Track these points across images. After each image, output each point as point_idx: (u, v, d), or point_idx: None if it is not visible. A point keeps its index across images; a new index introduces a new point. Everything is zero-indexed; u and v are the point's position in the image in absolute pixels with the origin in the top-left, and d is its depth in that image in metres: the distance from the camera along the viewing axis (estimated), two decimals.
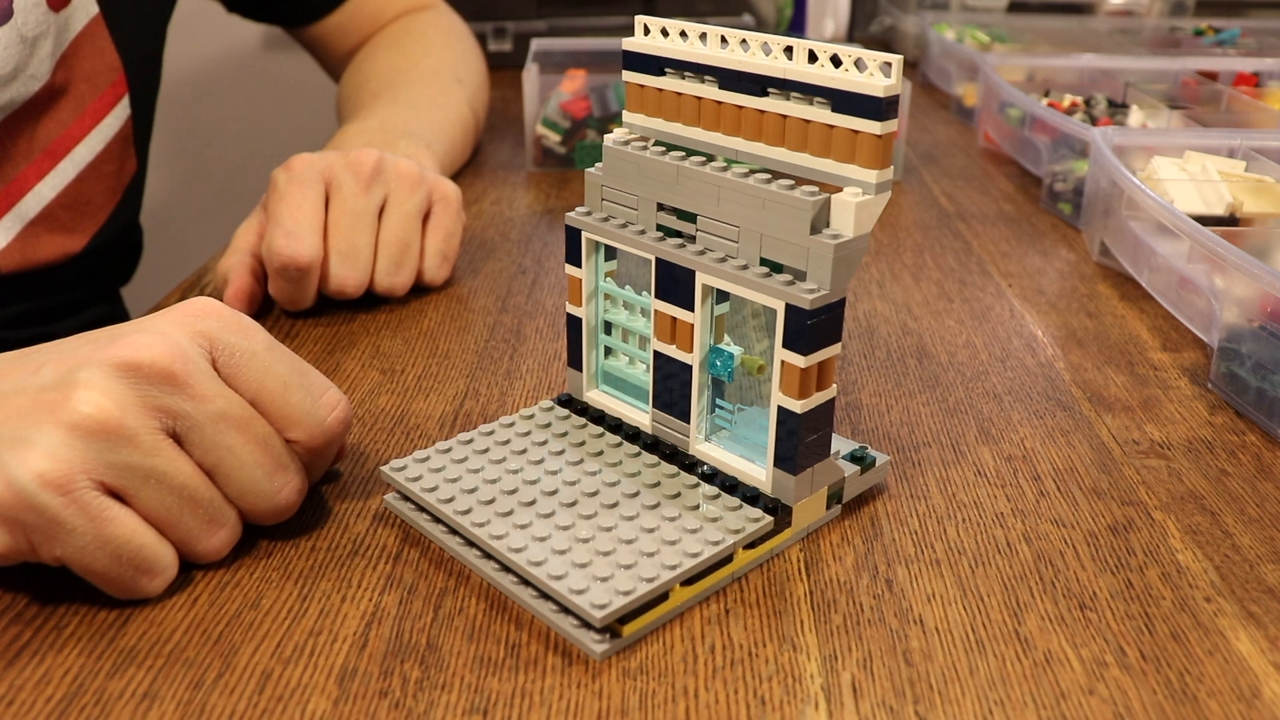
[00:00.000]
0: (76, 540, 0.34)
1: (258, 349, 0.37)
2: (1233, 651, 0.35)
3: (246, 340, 0.37)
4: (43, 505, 0.33)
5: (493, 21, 1.23)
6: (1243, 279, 0.50)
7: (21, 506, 0.33)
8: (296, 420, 0.38)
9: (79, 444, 0.33)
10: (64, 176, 0.65)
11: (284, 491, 0.38)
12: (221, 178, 1.47)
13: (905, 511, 0.42)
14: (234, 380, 0.37)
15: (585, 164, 0.86)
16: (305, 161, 0.57)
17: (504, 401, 0.50)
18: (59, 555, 0.34)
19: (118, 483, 0.34)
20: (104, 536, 0.34)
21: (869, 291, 0.64)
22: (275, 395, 0.37)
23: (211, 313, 0.37)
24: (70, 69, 0.64)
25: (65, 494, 0.33)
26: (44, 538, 0.34)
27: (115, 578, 0.35)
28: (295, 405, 0.38)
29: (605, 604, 0.34)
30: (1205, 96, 0.92)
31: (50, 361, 0.35)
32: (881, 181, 0.36)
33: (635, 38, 0.41)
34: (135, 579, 0.35)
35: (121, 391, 0.34)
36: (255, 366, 0.37)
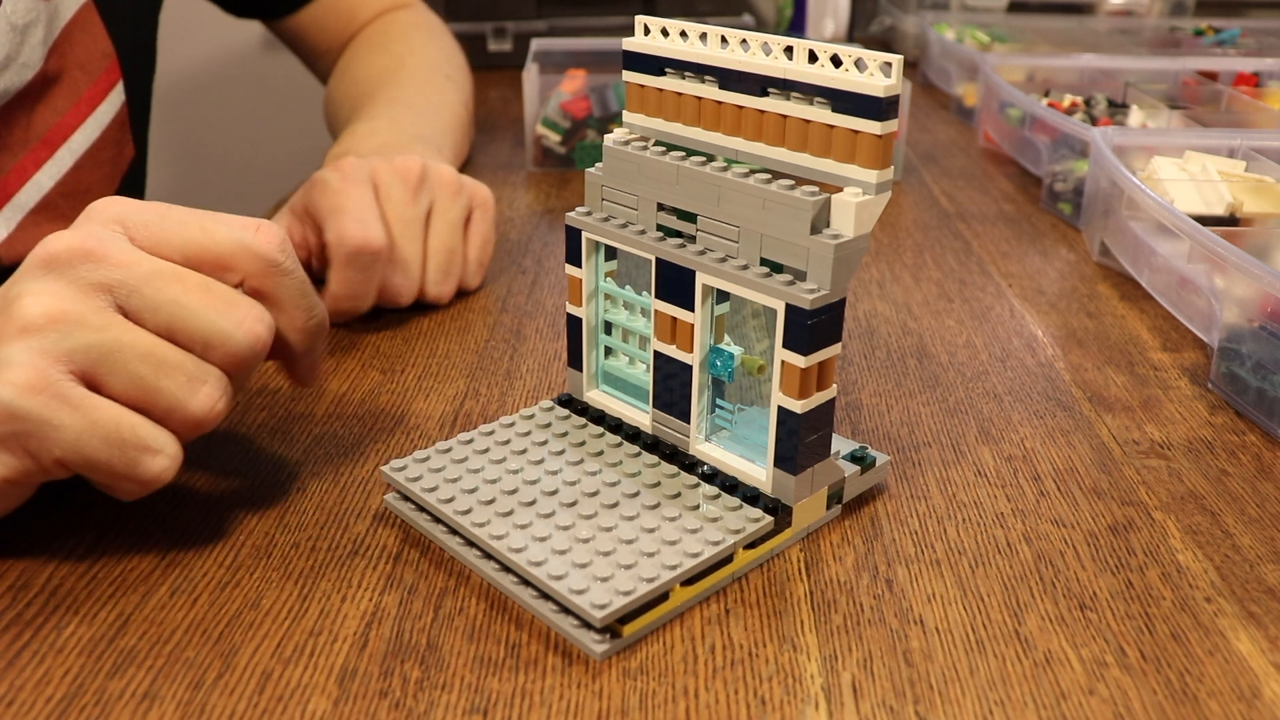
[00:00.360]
0: (68, 434, 0.35)
1: (164, 210, 0.39)
2: (1233, 651, 0.35)
3: (153, 210, 0.38)
4: (25, 410, 0.34)
5: (493, 21, 1.23)
6: (1243, 279, 0.50)
7: (10, 419, 0.34)
8: (227, 254, 0.38)
9: (35, 342, 0.35)
10: (61, 165, 0.65)
11: (245, 323, 0.38)
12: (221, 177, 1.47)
13: (905, 511, 0.42)
14: (157, 247, 0.38)
15: (585, 164, 0.86)
16: (354, 164, 0.56)
17: (504, 402, 0.50)
18: (58, 456, 0.35)
19: (85, 368, 0.35)
20: (92, 421, 0.35)
21: (869, 291, 0.64)
22: (198, 241, 0.38)
23: (115, 201, 0.38)
24: (63, 56, 0.63)
25: (43, 391, 0.34)
26: (39, 443, 0.35)
27: (118, 463, 0.36)
28: (221, 239, 0.38)
29: (605, 604, 0.34)
30: (1205, 96, 0.92)
31: None
32: (881, 181, 0.36)
33: (635, 38, 0.41)
34: (138, 460, 0.36)
35: (53, 283, 0.35)
36: (171, 223, 0.38)
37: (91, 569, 0.38)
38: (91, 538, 0.40)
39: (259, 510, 0.42)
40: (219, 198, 1.46)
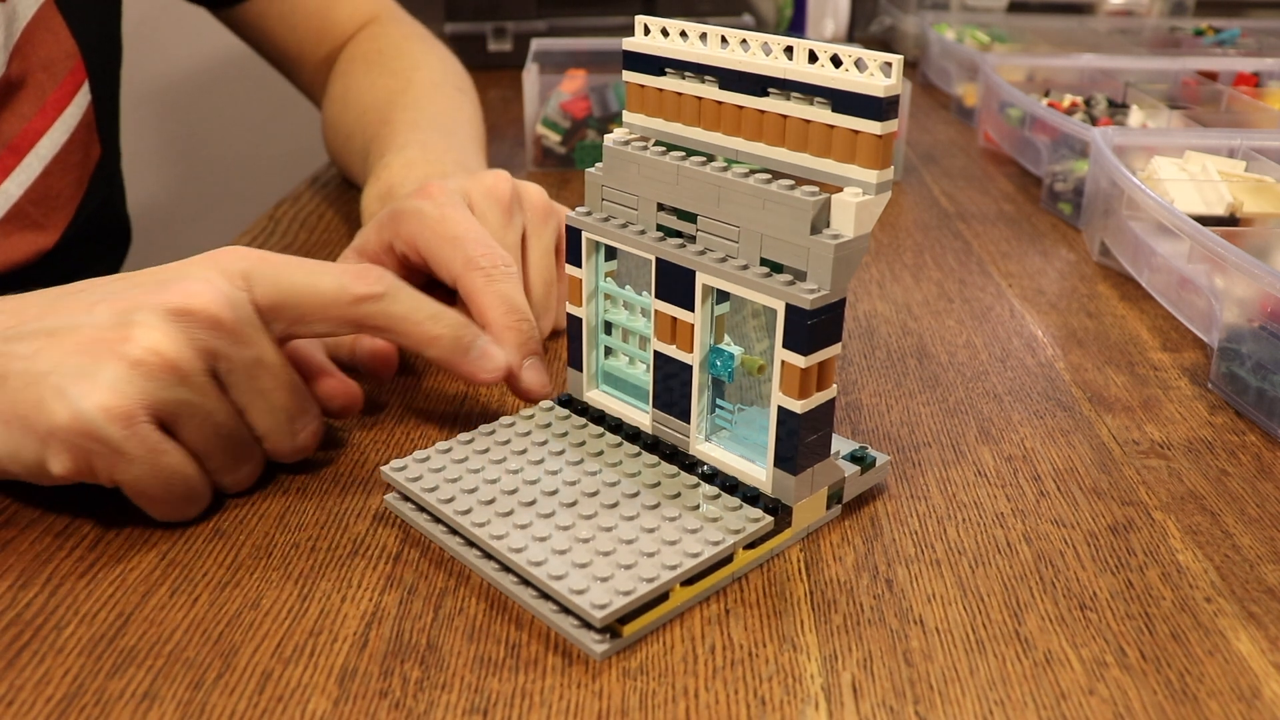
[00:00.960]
0: (135, 469, 0.37)
1: (282, 264, 0.41)
2: (1233, 651, 0.35)
3: (274, 264, 0.41)
4: (107, 435, 0.36)
5: (493, 21, 1.23)
6: (1243, 279, 0.50)
7: (85, 435, 0.36)
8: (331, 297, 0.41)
9: (139, 380, 0.36)
10: (30, 172, 0.64)
11: (303, 434, 0.42)
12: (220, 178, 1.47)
13: (905, 511, 0.42)
14: (274, 306, 0.40)
15: (585, 164, 0.86)
16: (442, 189, 0.51)
17: (504, 401, 0.50)
18: (118, 479, 0.38)
19: (168, 416, 0.38)
20: (159, 466, 0.38)
21: (869, 291, 0.64)
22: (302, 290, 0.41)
23: (243, 255, 0.41)
24: (25, 59, 0.62)
25: (128, 427, 0.36)
26: (105, 464, 0.37)
27: (164, 502, 0.39)
28: (324, 287, 0.41)
29: (605, 604, 0.34)
30: (1205, 96, 0.92)
31: (101, 301, 0.39)
32: (882, 182, 0.36)
33: (635, 38, 0.41)
34: (181, 505, 0.40)
35: (176, 334, 0.37)
36: (285, 277, 0.41)
37: (91, 569, 0.38)
38: (92, 538, 0.40)
39: (259, 510, 0.42)
40: (218, 198, 1.46)
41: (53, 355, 0.37)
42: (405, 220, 0.51)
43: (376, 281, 0.42)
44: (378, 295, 0.41)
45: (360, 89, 0.76)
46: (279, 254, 0.41)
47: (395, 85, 0.74)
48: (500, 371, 0.44)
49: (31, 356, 0.37)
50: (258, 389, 0.40)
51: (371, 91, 0.75)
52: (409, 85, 0.74)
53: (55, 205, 0.66)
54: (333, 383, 0.45)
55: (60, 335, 0.37)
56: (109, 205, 0.75)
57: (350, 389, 0.45)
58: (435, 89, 0.75)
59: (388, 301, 0.42)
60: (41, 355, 0.37)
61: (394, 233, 0.51)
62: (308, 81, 0.85)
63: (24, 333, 0.38)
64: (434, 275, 0.51)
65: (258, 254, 0.41)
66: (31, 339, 0.38)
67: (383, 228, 0.52)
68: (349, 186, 0.82)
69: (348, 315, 0.41)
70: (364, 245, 0.53)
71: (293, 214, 0.76)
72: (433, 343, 0.43)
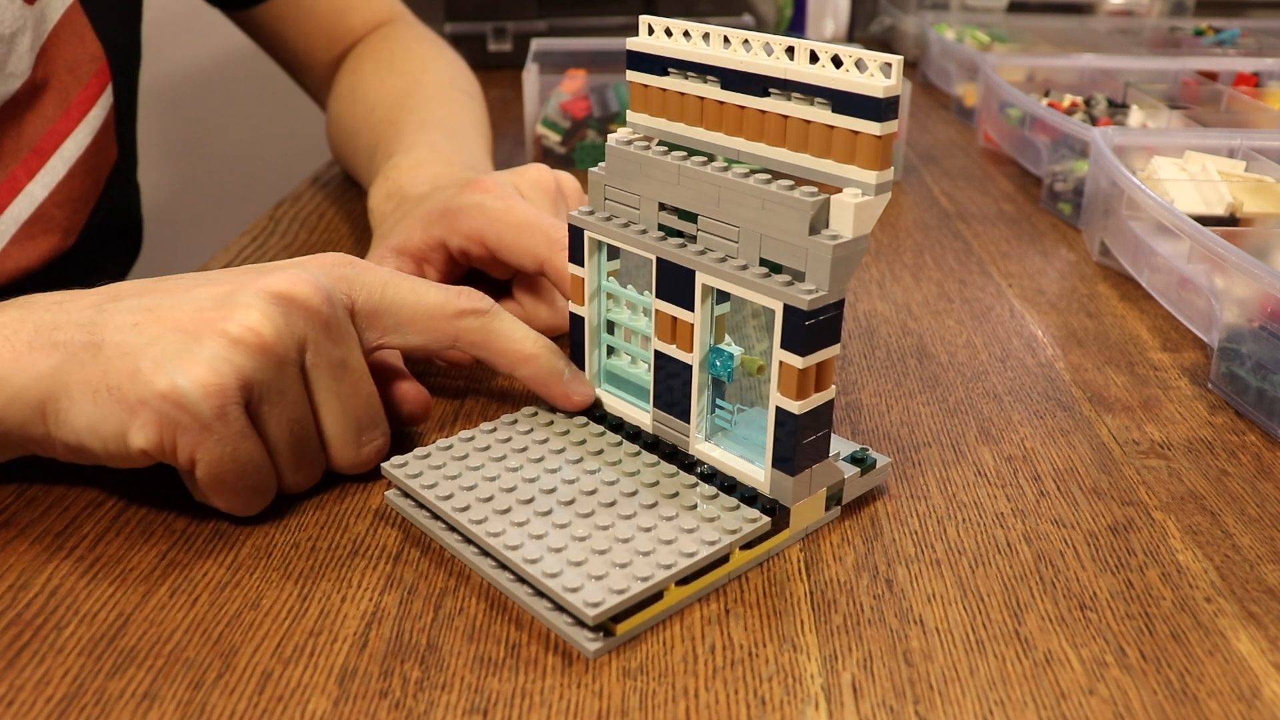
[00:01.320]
0: (218, 449, 0.37)
1: (387, 278, 0.42)
2: (1233, 651, 0.35)
3: (379, 277, 0.42)
4: (199, 410, 0.36)
5: (493, 21, 1.23)
6: (1243, 279, 0.50)
7: (178, 407, 0.36)
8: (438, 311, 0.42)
9: (237, 358, 0.37)
10: (55, 174, 0.64)
11: (368, 448, 0.42)
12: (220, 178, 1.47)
13: (905, 512, 0.42)
14: (373, 315, 0.42)
15: (586, 164, 0.86)
16: (495, 183, 0.53)
17: (506, 400, 0.50)
18: (198, 458, 0.37)
19: (255, 399, 0.38)
20: (240, 450, 0.38)
21: (869, 291, 0.64)
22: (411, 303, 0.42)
23: (348, 262, 0.42)
24: (51, 61, 0.62)
25: (220, 404, 0.37)
26: (189, 439, 0.37)
27: (236, 490, 0.39)
28: (431, 301, 0.42)
29: (599, 602, 0.34)
30: (1205, 96, 0.92)
31: (201, 285, 0.39)
32: (881, 182, 0.36)
33: (639, 37, 0.41)
34: (250, 497, 0.40)
35: (276, 316, 0.38)
36: (390, 290, 0.42)
37: (91, 569, 0.38)
38: (91, 538, 0.40)
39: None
40: (218, 198, 1.46)
41: (153, 329, 0.37)
42: (465, 216, 0.51)
43: (481, 299, 0.43)
44: (481, 310, 0.43)
45: (369, 87, 0.76)
46: (379, 265, 0.43)
47: (404, 86, 0.74)
48: (590, 399, 0.44)
49: (130, 329, 0.38)
50: (336, 391, 0.40)
51: (380, 90, 0.75)
52: (418, 87, 0.74)
53: (75, 207, 0.66)
54: (408, 386, 0.45)
55: (161, 311, 0.38)
56: (123, 208, 0.75)
57: (423, 396, 0.46)
58: (444, 91, 0.75)
59: (490, 318, 0.43)
60: (142, 328, 0.38)
61: (449, 229, 0.52)
62: (316, 83, 0.85)
63: (122, 307, 0.39)
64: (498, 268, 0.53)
65: (362, 263, 0.42)
66: (131, 313, 0.38)
67: (431, 224, 0.52)
68: (349, 186, 0.82)
69: (448, 328, 0.42)
70: (404, 244, 0.53)
71: (293, 214, 0.76)
72: (529, 361, 0.43)
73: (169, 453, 0.38)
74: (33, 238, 0.64)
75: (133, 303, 0.39)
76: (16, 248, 0.63)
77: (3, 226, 0.62)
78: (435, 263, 0.53)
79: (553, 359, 0.44)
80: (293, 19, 0.82)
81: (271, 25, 0.82)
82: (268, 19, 0.82)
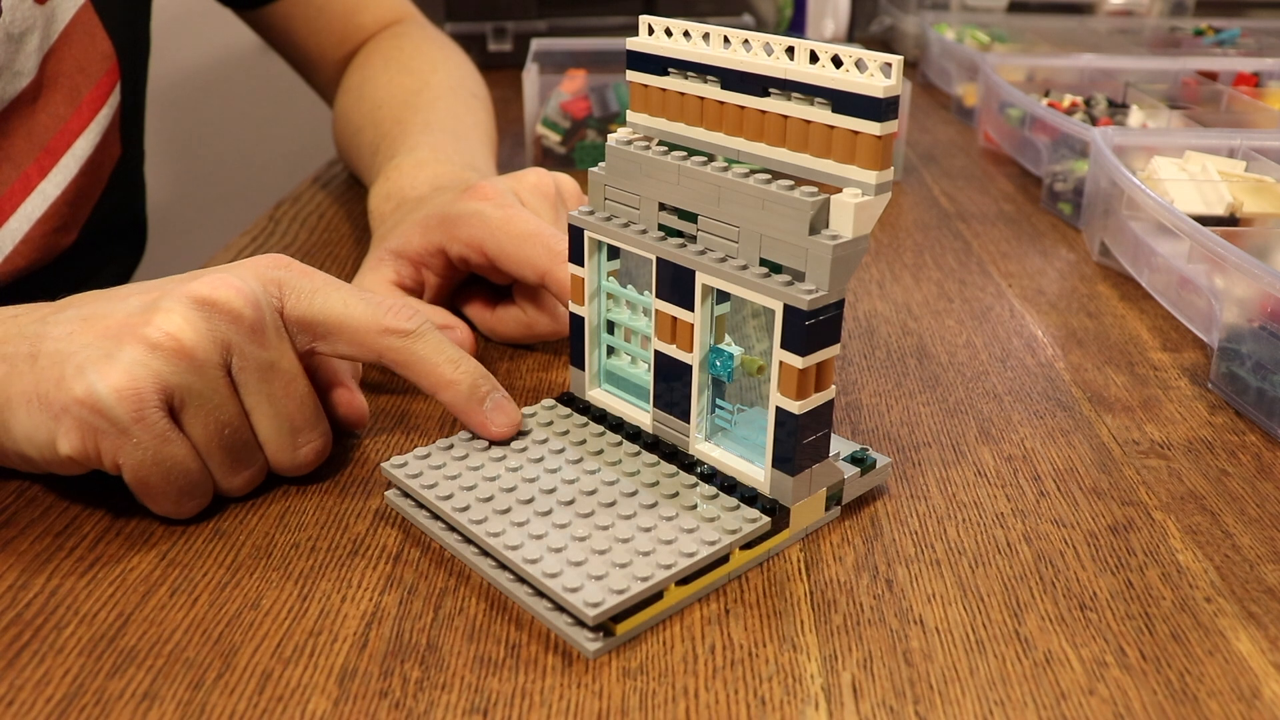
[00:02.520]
0: (138, 453, 0.38)
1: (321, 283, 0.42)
2: (1233, 651, 0.35)
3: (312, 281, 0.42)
4: (115, 415, 0.37)
5: (493, 21, 1.23)
6: (1243, 279, 0.50)
7: (96, 413, 0.37)
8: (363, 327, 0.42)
9: (154, 362, 0.37)
10: (67, 173, 0.64)
11: (305, 449, 0.42)
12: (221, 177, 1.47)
13: (905, 511, 0.42)
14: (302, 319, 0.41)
15: (586, 164, 0.86)
16: (495, 189, 0.52)
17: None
18: (121, 462, 0.38)
19: (177, 403, 0.38)
20: (162, 454, 0.38)
21: (869, 291, 0.64)
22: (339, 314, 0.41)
23: (284, 264, 0.42)
24: (60, 60, 0.62)
25: (136, 408, 0.37)
26: (111, 445, 0.37)
27: (163, 494, 0.39)
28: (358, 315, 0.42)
29: (598, 602, 0.34)
30: (1205, 96, 0.92)
31: (137, 293, 0.40)
32: (881, 182, 0.36)
33: (639, 37, 0.41)
34: (180, 499, 0.40)
35: (197, 321, 0.38)
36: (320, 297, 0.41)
37: (91, 569, 0.38)
38: (92, 538, 0.40)
39: (259, 510, 0.42)
40: (219, 198, 1.46)
41: (84, 337, 0.38)
42: (464, 224, 0.51)
43: (408, 319, 0.42)
44: (405, 331, 0.42)
45: (376, 84, 0.76)
46: (317, 271, 0.42)
47: (412, 85, 0.74)
48: (512, 429, 0.43)
49: (65, 338, 0.38)
50: (267, 393, 0.40)
51: (387, 88, 0.75)
52: (425, 86, 0.74)
53: (79, 203, 0.66)
54: (344, 393, 0.45)
55: (93, 320, 0.39)
56: (127, 205, 0.75)
57: (358, 404, 0.45)
58: (451, 92, 0.75)
59: (413, 340, 0.42)
60: (74, 337, 0.38)
61: (448, 236, 0.51)
62: (326, 82, 0.85)
63: (63, 318, 0.39)
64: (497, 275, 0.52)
65: (299, 266, 0.42)
66: (69, 323, 0.39)
67: (429, 230, 0.52)
68: (350, 186, 0.82)
69: (372, 344, 0.42)
70: (403, 247, 0.53)
71: (293, 214, 0.76)
72: (448, 387, 0.42)
73: (94, 459, 0.38)
74: (45, 235, 0.64)
75: (73, 313, 0.39)
76: (29, 246, 0.63)
77: (16, 224, 0.62)
78: (434, 268, 0.53)
79: (473, 387, 0.42)
80: (303, 18, 0.82)
81: (282, 24, 0.82)
82: (279, 18, 0.82)
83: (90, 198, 0.67)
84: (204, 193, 1.47)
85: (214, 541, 0.40)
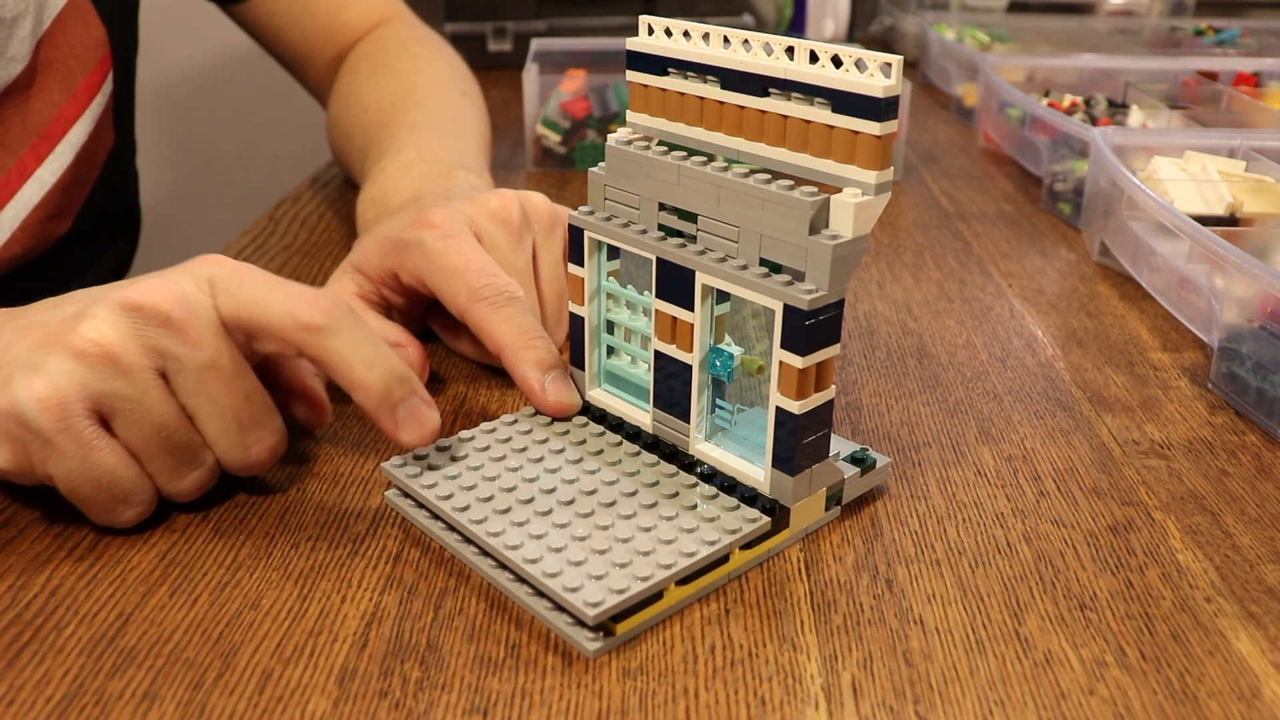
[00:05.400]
0: (66, 463, 0.37)
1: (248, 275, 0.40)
2: (1233, 651, 0.35)
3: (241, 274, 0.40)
4: (38, 426, 0.36)
5: (493, 21, 1.23)
6: (1243, 279, 0.50)
7: (20, 425, 0.37)
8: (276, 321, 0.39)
9: (78, 371, 0.36)
10: (63, 160, 0.64)
11: (256, 448, 0.40)
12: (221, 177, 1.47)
13: (905, 512, 0.42)
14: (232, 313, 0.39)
15: (585, 164, 0.86)
16: (445, 217, 0.50)
17: (504, 401, 0.50)
18: (51, 473, 0.38)
19: (106, 410, 0.37)
20: (90, 463, 0.37)
21: (869, 291, 0.64)
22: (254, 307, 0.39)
23: (216, 261, 0.41)
24: (54, 46, 0.62)
25: (60, 418, 0.36)
26: (39, 456, 0.37)
27: (96, 503, 0.38)
28: (274, 307, 0.39)
29: (598, 602, 0.34)
30: (1205, 96, 0.92)
31: (76, 302, 0.39)
32: (881, 182, 0.36)
33: (639, 37, 0.41)
34: (114, 507, 0.39)
35: (123, 326, 0.37)
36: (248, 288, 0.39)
37: (91, 569, 0.38)
38: (92, 538, 0.40)
39: (259, 510, 0.42)
40: (219, 197, 1.46)
41: (17, 348, 0.38)
42: (410, 252, 0.49)
43: (323, 313, 0.39)
44: (317, 326, 0.39)
45: (364, 89, 0.76)
46: (254, 268, 0.40)
47: (399, 86, 0.74)
48: (424, 439, 0.41)
49: (4, 350, 0.38)
50: (208, 394, 0.39)
51: (374, 92, 0.75)
52: (413, 88, 0.74)
53: (74, 191, 0.67)
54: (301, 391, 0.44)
55: (30, 330, 0.38)
56: (120, 194, 0.75)
57: (316, 402, 0.44)
58: (439, 91, 0.74)
59: (327, 336, 0.39)
60: (10, 348, 0.38)
61: (398, 263, 0.50)
62: (315, 81, 0.85)
63: (7, 329, 0.39)
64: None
65: (233, 264, 0.40)
66: (11, 334, 0.38)
67: (386, 254, 0.51)
68: (350, 186, 0.82)
69: (292, 339, 0.39)
70: (364, 263, 0.52)
71: (293, 214, 0.76)
72: (360, 388, 0.40)
73: (28, 471, 0.38)
74: (41, 223, 0.64)
75: (17, 323, 0.39)
76: (25, 233, 0.63)
77: (13, 211, 0.63)
78: (393, 288, 0.52)
79: (385, 392, 0.40)
80: (287, 14, 0.82)
81: (267, 21, 0.82)
82: (263, 15, 0.82)
83: (84, 185, 0.67)
84: (204, 192, 1.47)
85: (214, 541, 0.40)
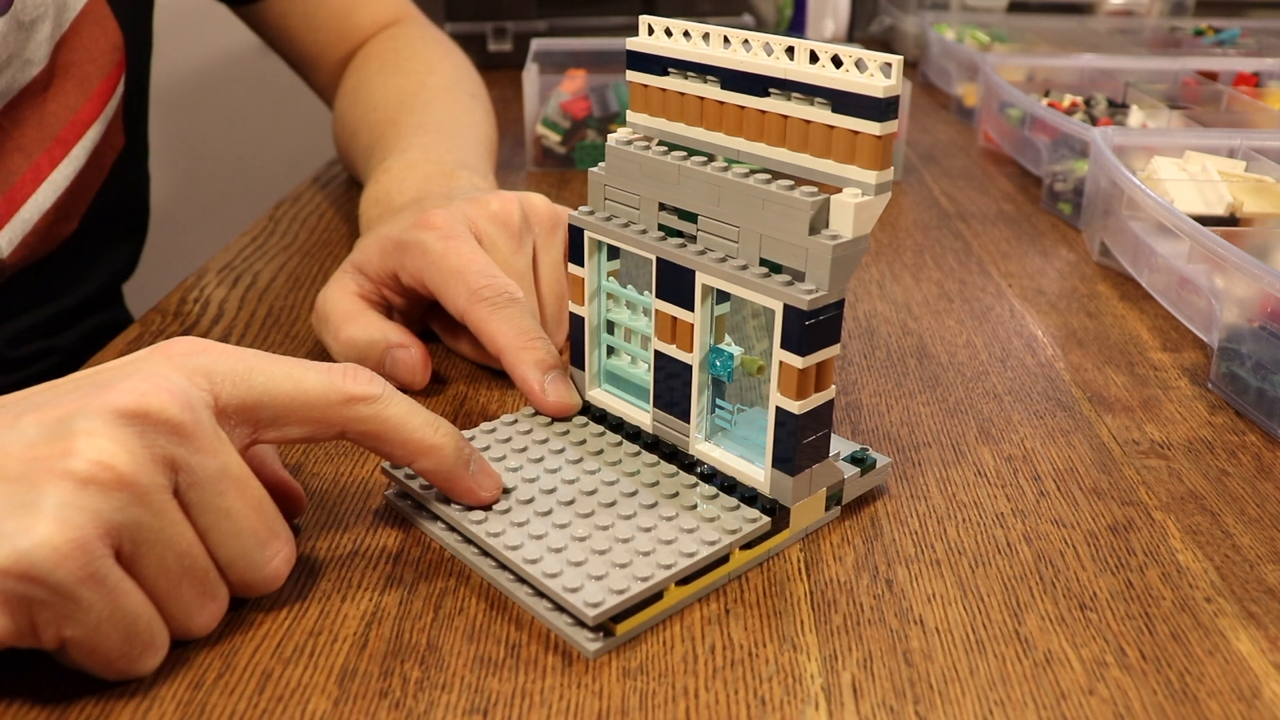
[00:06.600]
0: (90, 618, 0.30)
1: (251, 362, 0.35)
2: (1233, 651, 0.35)
3: (240, 361, 0.35)
4: (56, 580, 0.29)
5: (493, 21, 1.23)
6: (1243, 279, 0.50)
7: (30, 583, 0.29)
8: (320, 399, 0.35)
9: (90, 501, 0.29)
10: (76, 163, 0.64)
11: (274, 561, 0.35)
12: (221, 177, 1.47)
13: (905, 511, 0.42)
14: (245, 407, 0.34)
15: (586, 164, 0.86)
16: (446, 218, 0.49)
17: (504, 401, 0.50)
18: (66, 636, 0.30)
19: (127, 545, 0.31)
20: (120, 611, 0.31)
21: (869, 291, 0.64)
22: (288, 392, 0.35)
23: (201, 349, 0.35)
24: (72, 50, 0.62)
25: (82, 566, 0.29)
26: (50, 617, 0.30)
27: (121, 656, 0.32)
28: (312, 386, 0.35)
29: (598, 602, 0.34)
30: (1205, 96, 0.92)
31: (28, 413, 0.31)
32: (881, 182, 0.36)
33: (639, 37, 0.41)
34: (140, 656, 0.32)
35: (130, 440, 0.31)
36: (259, 377, 0.35)
37: None
38: None
39: None
40: (219, 197, 1.46)
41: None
42: (409, 253, 0.49)
43: (370, 382, 0.36)
44: (373, 396, 0.36)
45: (372, 86, 0.76)
46: (238, 347, 0.35)
47: (408, 86, 0.74)
48: (498, 491, 0.39)
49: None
50: (224, 508, 0.33)
51: (383, 90, 0.75)
52: (421, 87, 0.74)
53: (82, 194, 0.67)
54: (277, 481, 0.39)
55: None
56: (129, 197, 0.75)
57: (294, 491, 0.39)
58: (447, 92, 0.74)
59: (382, 404, 0.36)
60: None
61: (399, 264, 0.50)
62: (324, 82, 0.85)
63: None
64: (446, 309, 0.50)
65: (218, 347, 0.35)
66: None
67: (387, 255, 0.51)
68: (350, 186, 0.82)
69: (334, 417, 0.35)
70: (365, 263, 0.52)
71: (293, 214, 0.76)
72: (431, 452, 0.37)
73: (28, 636, 0.30)
74: (51, 226, 0.64)
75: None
76: (36, 236, 0.63)
77: (27, 214, 0.62)
78: (393, 289, 0.51)
79: (457, 450, 0.38)
80: (299, 15, 0.82)
81: (278, 22, 0.82)
82: (275, 16, 0.82)
83: (91, 187, 0.67)
84: (204, 192, 1.47)
85: None
